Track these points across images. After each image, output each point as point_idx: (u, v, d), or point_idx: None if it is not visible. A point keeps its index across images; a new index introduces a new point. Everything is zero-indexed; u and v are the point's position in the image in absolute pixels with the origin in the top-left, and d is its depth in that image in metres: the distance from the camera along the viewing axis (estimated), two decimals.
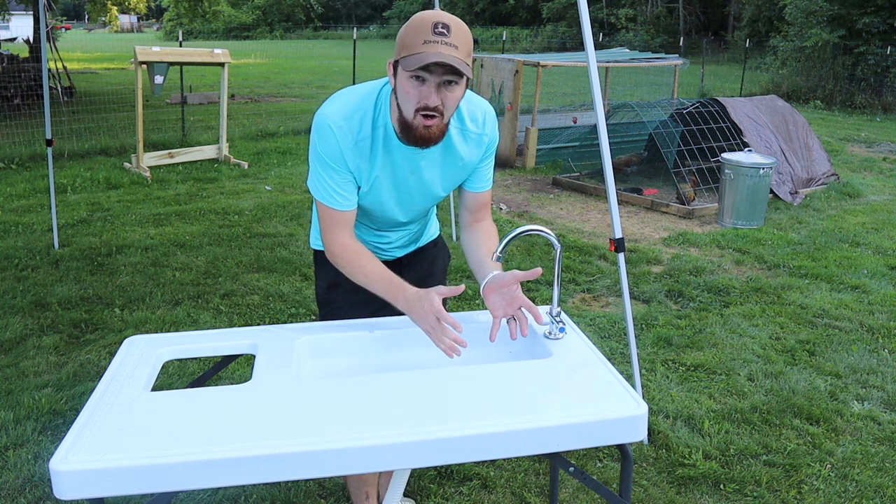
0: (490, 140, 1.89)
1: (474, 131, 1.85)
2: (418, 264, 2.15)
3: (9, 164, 8.00)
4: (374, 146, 1.77)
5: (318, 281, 2.14)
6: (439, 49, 1.57)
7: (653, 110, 8.08)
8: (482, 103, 1.88)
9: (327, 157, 1.77)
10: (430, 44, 1.57)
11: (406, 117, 1.67)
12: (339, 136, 1.74)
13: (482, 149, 1.88)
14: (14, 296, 4.32)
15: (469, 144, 1.85)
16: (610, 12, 32.54)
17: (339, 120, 1.74)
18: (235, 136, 9.93)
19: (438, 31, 1.58)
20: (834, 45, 17.22)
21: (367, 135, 1.76)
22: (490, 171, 1.97)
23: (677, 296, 4.59)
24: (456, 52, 1.59)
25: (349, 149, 1.76)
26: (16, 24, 23.92)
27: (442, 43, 1.57)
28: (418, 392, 1.52)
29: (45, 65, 5.43)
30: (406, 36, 1.62)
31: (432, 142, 1.70)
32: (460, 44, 1.60)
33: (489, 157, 1.93)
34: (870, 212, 6.85)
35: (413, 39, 1.60)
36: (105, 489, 1.27)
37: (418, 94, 1.63)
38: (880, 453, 2.91)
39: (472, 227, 2.00)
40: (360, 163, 1.78)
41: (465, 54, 1.61)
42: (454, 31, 1.59)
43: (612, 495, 1.54)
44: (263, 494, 2.56)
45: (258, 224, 5.95)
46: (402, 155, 1.79)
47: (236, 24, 45.48)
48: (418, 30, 1.60)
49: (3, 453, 2.77)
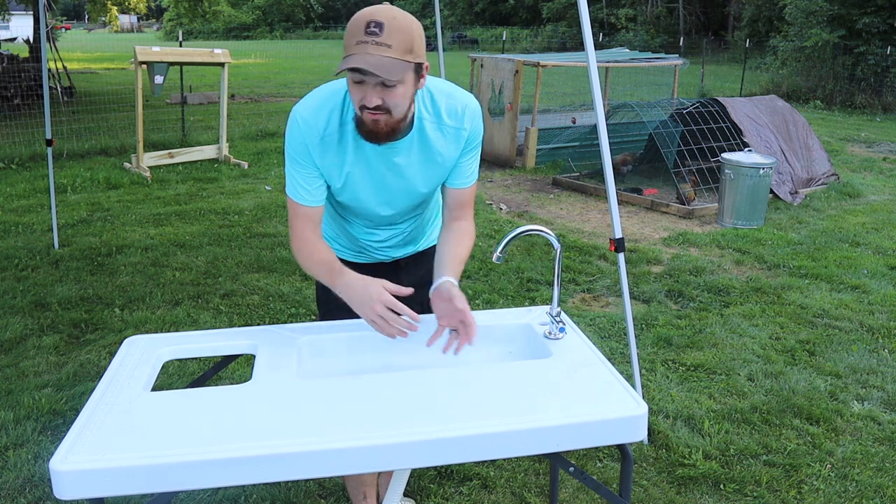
0: (470, 134, 1.83)
1: (451, 125, 1.79)
2: (417, 268, 2.10)
3: (9, 164, 8.00)
4: (342, 142, 1.75)
5: (319, 280, 2.14)
6: (368, 50, 1.53)
7: (653, 110, 8.08)
8: (463, 97, 1.83)
9: (294, 152, 1.76)
10: (361, 45, 1.54)
11: (357, 113, 1.67)
12: (304, 131, 1.74)
13: (461, 143, 1.83)
14: (14, 296, 4.32)
15: (447, 139, 1.81)
16: (610, 12, 32.54)
17: (306, 115, 1.74)
18: (235, 136, 9.93)
19: (370, 31, 1.54)
20: (834, 45, 17.21)
21: (333, 130, 1.74)
22: (472, 167, 1.91)
23: (677, 296, 4.59)
24: (388, 52, 1.54)
25: (315, 144, 1.74)
26: (16, 24, 23.92)
27: (372, 43, 1.53)
28: (418, 392, 1.52)
29: (45, 65, 5.43)
30: (347, 33, 1.59)
31: (382, 136, 1.67)
32: (394, 41, 1.55)
33: (470, 152, 1.87)
34: (870, 212, 6.85)
35: (349, 39, 1.57)
36: (105, 489, 1.27)
37: (360, 93, 1.61)
38: (880, 453, 2.91)
39: (448, 226, 1.95)
40: (329, 158, 1.77)
41: (400, 52, 1.56)
42: (388, 29, 1.54)
43: (612, 495, 1.54)
44: (263, 494, 2.56)
45: (258, 224, 5.95)
46: (375, 151, 1.76)
47: (236, 24, 45.48)
48: (354, 29, 1.56)
49: (3, 453, 2.77)
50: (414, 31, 1.60)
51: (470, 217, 1.96)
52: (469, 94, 1.85)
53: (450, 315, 1.71)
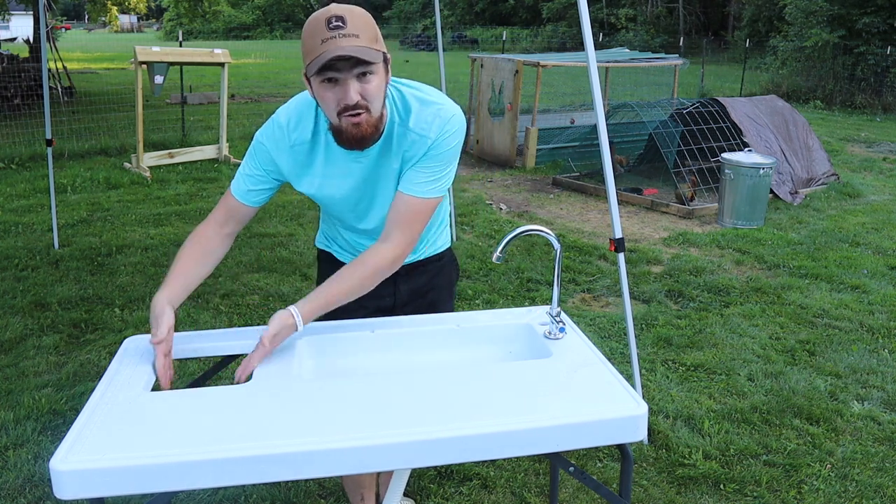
0: (434, 144, 1.69)
1: (416, 132, 1.69)
2: (415, 278, 1.99)
3: (9, 164, 8.00)
4: (312, 153, 1.73)
5: (319, 280, 2.06)
6: (339, 43, 1.49)
7: (653, 110, 8.08)
8: (438, 107, 1.70)
9: (256, 147, 1.76)
10: (328, 41, 1.50)
11: (333, 123, 1.62)
12: (277, 135, 1.73)
13: (421, 152, 1.70)
14: (14, 296, 4.32)
15: (410, 146, 1.71)
16: (610, 12, 32.53)
17: (283, 121, 1.73)
18: (235, 136, 9.92)
19: (333, 26, 1.50)
20: (834, 45, 17.21)
21: (305, 140, 1.72)
22: (420, 178, 1.70)
23: (677, 296, 4.59)
24: (358, 42, 1.51)
25: (284, 150, 1.73)
26: (16, 24, 23.93)
27: (340, 36, 1.50)
28: (418, 392, 1.52)
29: (45, 65, 5.43)
30: (305, 41, 1.54)
31: (367, 140, 1.62)
32: (360, 31, 1.52)
33: (425, 161, 1.70)
34: (870, 212, 6.85)
35: (311, 42, 1.52)
36: (105, 489, 1.27)
37: (335, 96, 1.56)
38: (880, 453, 2.91)
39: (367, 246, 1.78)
40: (295, 167, 1.74)
41: (368, 41, 1.53)
42: (350, 20, 1.51)
43: (612, 495, 1.54)
44: (263, 494, 2.56)
45: (258, 224, 5.95)
46: (346, 161, 1.72)
47: (236, 24, 45.51)
48: (314, 31, 1.52)
49: (3, 453, 2.77)
50: (372, 21, 1.58)
51: (397, 241, 1.71)
52: (451, 105, 1.73)
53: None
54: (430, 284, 2.04)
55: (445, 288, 2.09)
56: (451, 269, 2.12)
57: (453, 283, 2.15)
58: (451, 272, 2.12)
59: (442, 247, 2.05)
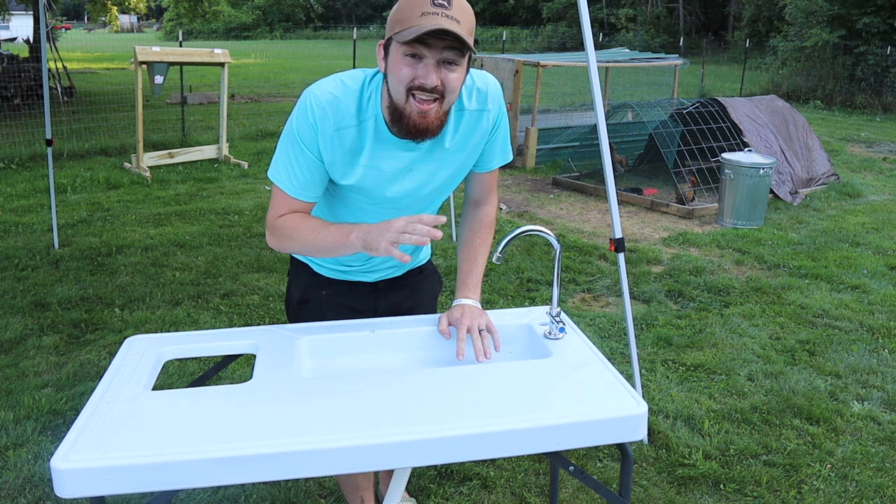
0: (497, 115, 1.69)
1: (475, 109, 1.64)
2: (395, 292, 1.92)
3: (9, 164, 8.00)
4: (359, 139, 1.59)
5: (292, 291, 1.96)
6: (439, 21, 1.40)
7: (653, 110, 8.08)
8: (482, 77, 1.67)
9: (302, 135, 1.59)
10: (429, 15, 1.40)
11: (397, 102, 1.49)
12: (320, 119, 1.56)
13: (488, 126, 1.68)
14: (14, 296, 4.32)
15: (472, 125, 1.66)
16: (610, 12, 32.54)
17: (323, 102, 1.56)
18: (235, 136, 9.93)
19: (438, 3, 1.41)
20: (834, 45, 17.22)
21: (351, 124, 1.58)
22: (498, 147, 1.75)
23: (677, 296, 4.59)
24: (458, 27, 1.41)
25: (328, 136, 1.57)
26: (16, 24, 23.90)
27: (442, 15, 1.40)
28: (418, 392, 1.52)
29: (45, 65, 5.43)
30: (401, 9, 1.44)
31: (429, 133, 1.52)
32: (462, 19, 1.43)
33: (496, 133, 1.72)
34: (870, 212, 6.85)
35: (409, 12, 1.42)
36: (106, 488, 1.27)
37: (413, 72, 1.45)
38: (880, 453, 2.91)
39: (473, 216, 1.84)
40: (338, 155, 1.60)
41: (467, 32, 1.44)
42: (456, 4, 1.43)
43: (612, 495, 1.54)
44: (263, 494, 2.56)
45: (258, 224, 5.95)
46: (394, 151, 1.60)
47: (236, 24, 45.48)
48: (416, 2, 1.42)
49: (3, 453, 2.77)
50: (473, 16, 1.50)
51: (494, 200, 1.88)
52: (479, 72, 1.69)
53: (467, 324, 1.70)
54: (412, 299, 1.96)
55: (427, 302, 2.01)
56: (434, 281, 2.05)
57: (436, 296, 2.07)
58: (434, 284, 2.05)
59: (423, 259, 1.99)
